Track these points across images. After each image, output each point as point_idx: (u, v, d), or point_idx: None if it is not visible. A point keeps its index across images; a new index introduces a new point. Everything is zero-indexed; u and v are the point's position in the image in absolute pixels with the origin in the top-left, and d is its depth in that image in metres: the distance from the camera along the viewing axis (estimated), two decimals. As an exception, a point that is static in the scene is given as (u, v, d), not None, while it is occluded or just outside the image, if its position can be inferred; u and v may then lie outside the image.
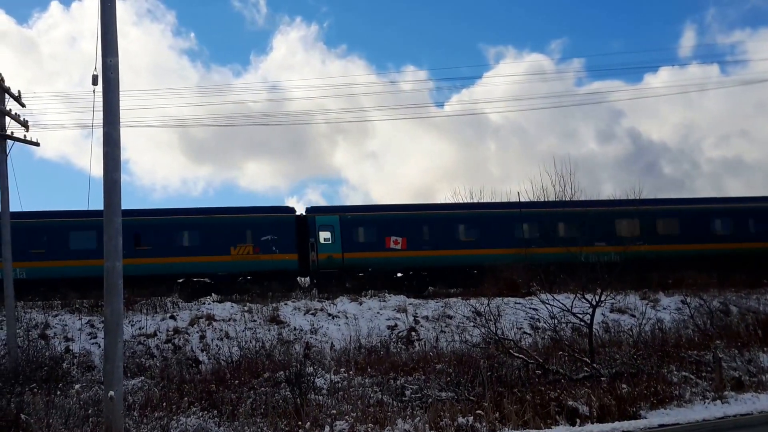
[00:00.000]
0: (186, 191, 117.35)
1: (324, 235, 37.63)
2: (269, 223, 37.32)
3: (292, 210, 39.09)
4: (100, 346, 24.92)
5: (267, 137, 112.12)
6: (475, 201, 51.33)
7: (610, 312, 30.45)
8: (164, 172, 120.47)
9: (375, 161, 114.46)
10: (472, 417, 16.58)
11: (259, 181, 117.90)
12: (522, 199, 43.86)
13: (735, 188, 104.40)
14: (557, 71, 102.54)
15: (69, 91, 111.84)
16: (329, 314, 30.29)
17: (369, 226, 38.40)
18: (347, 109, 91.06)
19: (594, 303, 22.72)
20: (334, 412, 17.22)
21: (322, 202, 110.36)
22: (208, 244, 36.43)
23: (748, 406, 19.12)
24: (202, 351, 26.48)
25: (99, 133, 15.28)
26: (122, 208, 15.27)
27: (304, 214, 38.72)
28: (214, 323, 28.65)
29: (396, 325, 29.45)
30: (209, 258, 36.08)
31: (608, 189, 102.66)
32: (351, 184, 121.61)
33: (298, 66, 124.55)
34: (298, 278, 38.29)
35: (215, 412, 17.68)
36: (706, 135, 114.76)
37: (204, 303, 31.35)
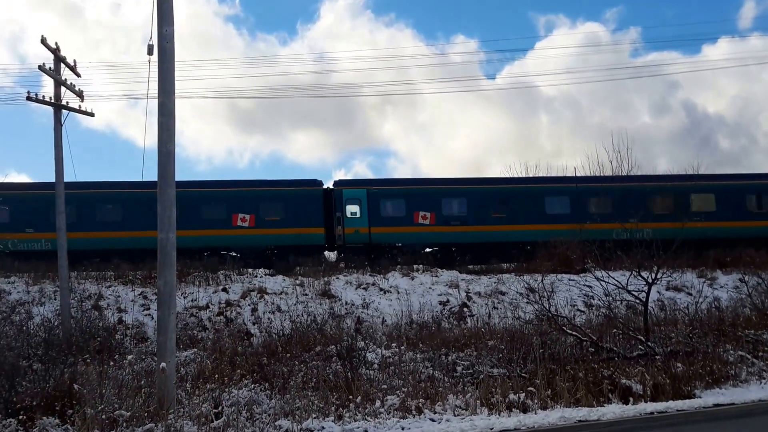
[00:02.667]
0: (232, 162, 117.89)
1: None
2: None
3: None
4: (152, 318, 25.15)
5: (314, 108, 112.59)
6: (531, 176, 50.99)
7: (666, 290, 30.12)
8: (209, 143, 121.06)
9: (424, 133, 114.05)
10: (523, 394, 16.49)
11: (306, 152, 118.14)
12: (578, 174, 43.41)
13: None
14: (612, 42, 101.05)
15: (114, 59, 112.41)
16: (381, 289, 30.29)
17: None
18: (395, 81, 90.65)
19: (650, 280, 22.47)
20: (385, 386, 17.27)
21: (369, 175, 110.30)
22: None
23: (806, 386, 18.82)
24: (254, 324, 26.59)
25: (150, 104, 15.31)
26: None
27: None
28: (266, 296, 28.82)
29: (448, 301, 29.36)
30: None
31: (663, 164, 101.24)
32: (399, 156, 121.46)
33: (346, 35, 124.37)
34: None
35: (266, 384, 17.71)
36: (765, 108, 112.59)
37: (256, 276, 31.51)
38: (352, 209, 37.42)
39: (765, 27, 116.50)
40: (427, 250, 36.81)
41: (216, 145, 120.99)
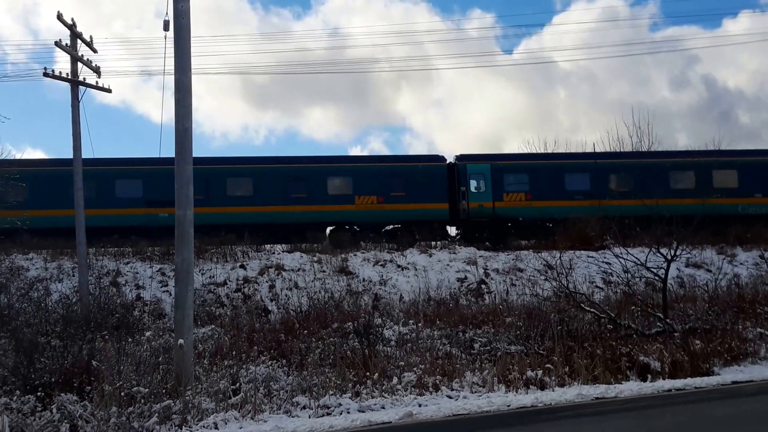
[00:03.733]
0: (247, 139, 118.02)
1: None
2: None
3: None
4: (170, 294, 25.24)
5: (330, 83, 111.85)
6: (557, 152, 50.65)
7: (685, 267, 30.08)
8: (224, 119, 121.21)
9: (440, 109, 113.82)
10: (541, 371, 16.49)
11: (322, 128, 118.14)
12: (597, 150, 43.13)
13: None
14: (630, 16, 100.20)
15: (127, 34, 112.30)
16: (398, 266, 30.28)
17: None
18: (410, 56, 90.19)
19: (669, 257, 22.38)
20: (403, 363, 17.24)
21: (384, 150, 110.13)
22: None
23: (826, 363, 18.80)
24: (272, 301, 26.66)
25: (164, 80, 15.28)
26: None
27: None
28: (284, 273, 28.86)
29: (466, 278, 29.32)
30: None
31: (682, 139, 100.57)
32: (415, 132, 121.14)
33: (360, 9, 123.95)
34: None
35: (284, 361, 17.77)
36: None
37: (273, 253, 31.58)
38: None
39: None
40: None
41: (231, 122, 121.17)
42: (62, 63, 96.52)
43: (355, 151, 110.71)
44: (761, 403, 14.24)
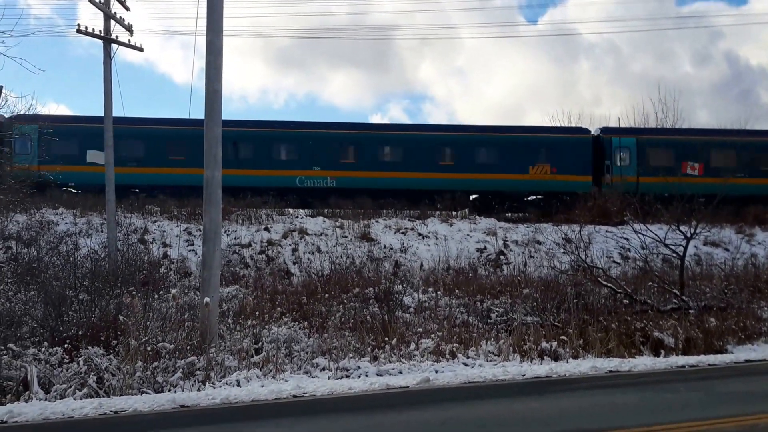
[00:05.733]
0: (266, 102, 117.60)
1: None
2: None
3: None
4: (196, 253, 25.65)
5: (352, 49, 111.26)
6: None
7: (704, 245, 30.15)
8: (243, 81, 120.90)
9: (462, 78, 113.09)
10: (555, 342, 16.76)
11: (342, 94, 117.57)
12: (621, 125, 43.01)
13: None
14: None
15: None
16: (419, 234, 30.51)
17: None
18: (433, 24, 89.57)
19: (688, 235, 22.54)
20: (421, 330, 17.57)
21: (404, 119, 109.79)
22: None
23: (841, 345, 18.92)
24: (294, 264, 27.00)
25: (195, 41, 15.50)
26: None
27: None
28: (306, 237, 29.17)
29: (485, 248, 29.55)
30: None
31: (703, 116, 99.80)
32: (436, 101, 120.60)
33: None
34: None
35: (305, 323, 18.14)
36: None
37: (297, 217, 31.90)
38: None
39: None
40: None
41: (250, 84, 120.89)
42: (85, 19, 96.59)
43: (376, 119, 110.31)
44: (773, 382, 14.28)
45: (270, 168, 35.22)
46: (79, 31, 24.17)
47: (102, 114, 24.93)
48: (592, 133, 38.44)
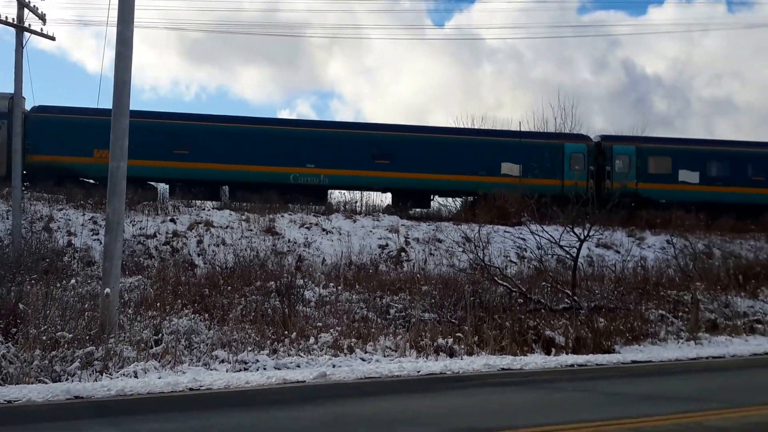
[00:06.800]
0: (178, 94, 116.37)
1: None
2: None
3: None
4: (101, 243, 25.38)
5: (263, 44, 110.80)
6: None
7: (596, 247, 30.91)
8: (155, 72, 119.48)
9: (370, 77, 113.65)
10: (451, 339, 17.22)
11: (253, 89, 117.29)
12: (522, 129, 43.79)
13: (723, 130, 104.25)
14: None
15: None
16: (323, 229, 30.71)
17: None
18: (342, 24, 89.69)
19: (582, 237, 23.18)
20: (320, 324, 17.90)
21: (312, 115, 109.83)
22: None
23: (720, 349, 19.76)
24: (198, 255, 27.03)
25: (106, 32, 15.53)
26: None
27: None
28: (212, 229, 29.12)
29: (387, 245, 29.93)
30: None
31: (600, 122, 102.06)
32: (344, 98, 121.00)
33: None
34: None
35: (206, 315, 18.17)
36: (700, 72, 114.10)
37: (203, 209, 31.86)
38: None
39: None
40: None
41: (161, 75, 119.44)
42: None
43: (284, 114, 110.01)
44: (658, 384, 14.81)
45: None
46: (-7, 18, 24.07)
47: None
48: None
